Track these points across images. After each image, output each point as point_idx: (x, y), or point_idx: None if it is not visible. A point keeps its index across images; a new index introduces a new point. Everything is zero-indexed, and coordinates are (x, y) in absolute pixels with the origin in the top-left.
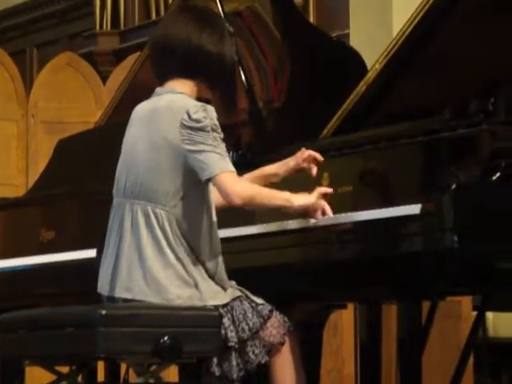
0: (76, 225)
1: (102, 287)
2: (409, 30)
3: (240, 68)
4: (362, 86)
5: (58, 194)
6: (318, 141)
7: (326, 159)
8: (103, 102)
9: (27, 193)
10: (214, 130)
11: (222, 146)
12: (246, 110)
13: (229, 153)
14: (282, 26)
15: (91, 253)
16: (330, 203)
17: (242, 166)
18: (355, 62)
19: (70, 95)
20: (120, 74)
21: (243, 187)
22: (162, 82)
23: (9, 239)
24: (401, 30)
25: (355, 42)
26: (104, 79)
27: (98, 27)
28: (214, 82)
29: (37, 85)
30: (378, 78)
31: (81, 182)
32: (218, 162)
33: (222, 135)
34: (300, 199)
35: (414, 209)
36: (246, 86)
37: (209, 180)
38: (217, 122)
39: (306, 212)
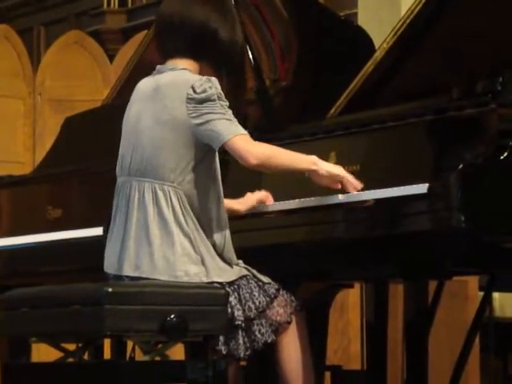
0: (83, 203)
1: (109, 266)
2: (417, 9)
3: (247, 46)
4: (369, 66)
5: (64, 172)
6: (325, 120)
7: (334, 138)
8: (110, 80)
9: (34, 170)
10: (219, 99)
11: (230, 112)
12: (252, 88)
13: None
14: (290, 5)
15: (98, 231)
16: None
17: None
18: (363, 41)
19: (78, 73)
20: (127, 53)
21: (259, 147)
22: (165, 58)
23: (16, 217)
24: (409, 9)
25: (363, 21)
26: (111, 57)
27: (105, 5)
28: (221, 67)
29: (44, 63)
30: (385, 58)
31: (88, 160)
32: (228, 127)
33: (227, 103)
34: (328, 165)
35: (422, 188)
36: (253, 64)
37: (222, 146)
38: (222, 92)
39: (331, 182)
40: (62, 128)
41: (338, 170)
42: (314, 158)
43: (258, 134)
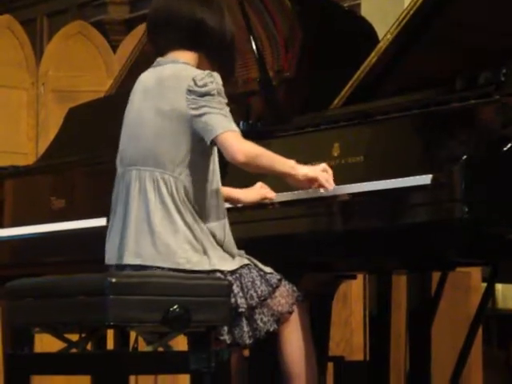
0: (86, 193)
1: (110, 258)
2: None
3: (251, 37)
4: (373, 57)
5: (68, 163)
6: (328, 111)
7: (337, 129)
8: (114, 71)
9: (37, 161)
10: (219, 94)
11: (227, 109)
12: (256, 79)
13: (239, 122)
14: None
15: (102, 221)
16: (340, 173)
17: (252, 135)
18: (366, 32)
19: (81, 64)
20: (130, 43)
21: (248, 145)
22: (161, 52)
23: (19, 207)
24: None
25: (366, 12)
26: (114, 48)
27: None
28: (214, 55)
29: (47, 53)
30: (389, 49)
31: (91, 151)
32: (221, 122)
33: (226, 100)
34: (305, 169)
35: (425, 179)
36: (257, 55)
37: (213, 141)
38: (222, 88)
39: (308, 183)
40: (66, 118)
41: (314, 173)
42: (293, 162)
43: (262, 125)
